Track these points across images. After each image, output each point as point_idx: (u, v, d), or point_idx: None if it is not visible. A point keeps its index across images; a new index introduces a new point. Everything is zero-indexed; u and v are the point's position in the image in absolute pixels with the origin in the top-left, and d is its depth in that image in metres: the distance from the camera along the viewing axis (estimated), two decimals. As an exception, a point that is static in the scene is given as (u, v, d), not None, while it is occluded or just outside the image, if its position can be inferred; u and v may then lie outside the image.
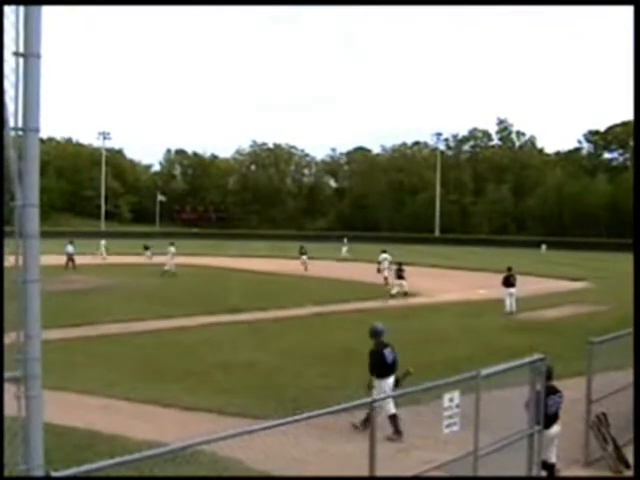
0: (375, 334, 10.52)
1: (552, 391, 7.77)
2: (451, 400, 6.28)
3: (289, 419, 5.34)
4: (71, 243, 42.52)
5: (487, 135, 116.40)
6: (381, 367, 10.18)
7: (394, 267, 31.38)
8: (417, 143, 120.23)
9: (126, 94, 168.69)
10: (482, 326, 20.76)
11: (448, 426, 6.28)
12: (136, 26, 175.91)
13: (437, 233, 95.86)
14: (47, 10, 3.72)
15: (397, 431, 9.61)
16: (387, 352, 10.27)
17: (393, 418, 9.69)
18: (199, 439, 5.16)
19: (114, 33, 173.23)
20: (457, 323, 21.27)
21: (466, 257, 53.83)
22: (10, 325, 3.77)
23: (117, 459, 4.50)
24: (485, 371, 6.66)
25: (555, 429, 7.83)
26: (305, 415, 5.48)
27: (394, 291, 28.65)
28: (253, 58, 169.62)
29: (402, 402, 7.31)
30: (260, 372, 13.95)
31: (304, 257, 44.36)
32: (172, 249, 39.28)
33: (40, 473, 3.72)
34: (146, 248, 49.21)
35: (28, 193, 3.66)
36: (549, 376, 7.67)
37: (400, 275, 29.12)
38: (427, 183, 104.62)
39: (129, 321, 20.63)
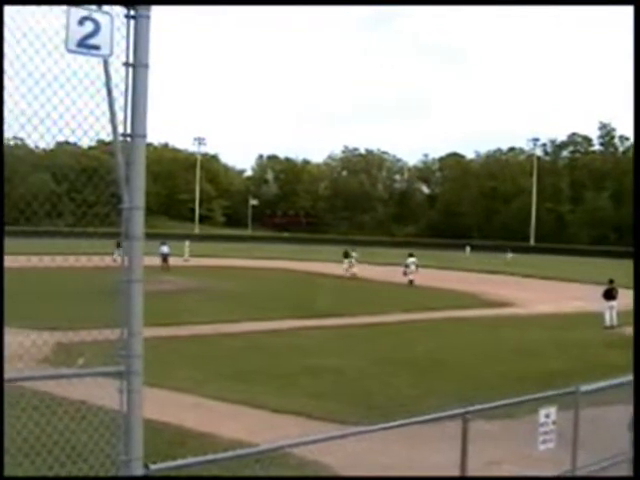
0: None
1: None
2: (547, 416, 6.06)
3: (379, 426, 5.30)
4: (164, 244, 42.09)
5: (587, 140, 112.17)
6: None
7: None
8: (512, 149, 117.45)
9: (222, 101, 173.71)
10: (578, 339, 19.93)
11: (543, 442, 6.06)
12: (231, 33, 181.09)
13: (532, 242, 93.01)
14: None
15: None
16: None
17: None
18: (289, 441, 5.21)
19: (210, 40, 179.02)
20: (551, 335, 20.53)
21: (562, 267, 51.86)
22: (114, 322, 3.96)
23: (208, 456, 4.60)
24: (584, 387, 6.39)
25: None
26: (396, 423, 5.42)
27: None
28: (346, 63, 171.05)
29: (495, 415, 7.09)
30: (348, 378, 13.93)
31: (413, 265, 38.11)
32: (355, 254, 43.32)
33: (139, 465, 3.89)
34: (346, 256, 43.28)
35: (134, 196, 3.82)
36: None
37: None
38: (521, 190, 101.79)
39: (219, 322, 21.10)
